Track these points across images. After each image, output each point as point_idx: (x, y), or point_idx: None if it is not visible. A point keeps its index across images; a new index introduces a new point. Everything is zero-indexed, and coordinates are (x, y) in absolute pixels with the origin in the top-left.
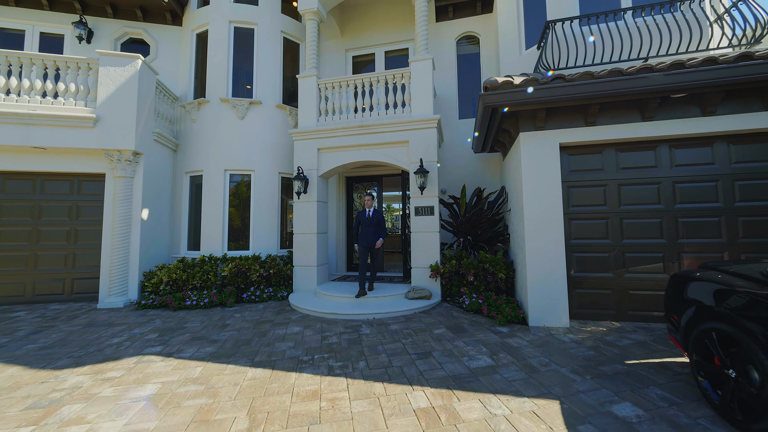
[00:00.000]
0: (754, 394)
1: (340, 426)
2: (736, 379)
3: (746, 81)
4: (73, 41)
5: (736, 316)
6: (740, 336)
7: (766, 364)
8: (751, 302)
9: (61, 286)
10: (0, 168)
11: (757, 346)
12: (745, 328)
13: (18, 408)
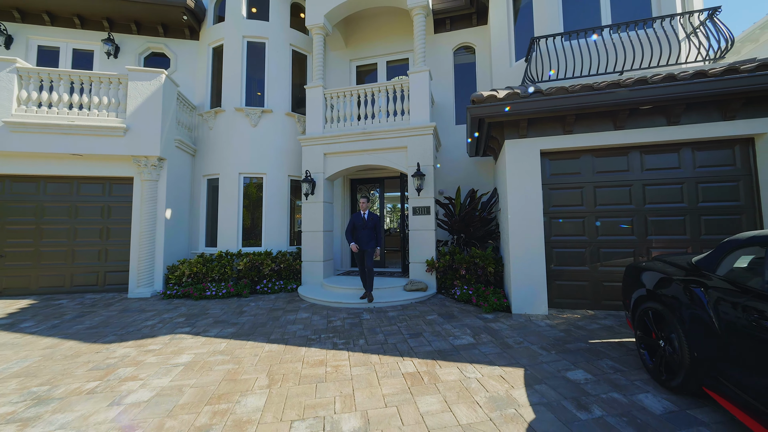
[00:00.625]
0: (673, 356)
1: (342, 384)
2: (664, 347)
3: (703, 95)
4: (101, 56)
5: (664, 297)
6: (666, 312)
7: (681, 333)
8: (673, 285)
9: (95, 278)
10: (43, 173)
11: (676, 319)
12: (669, 305)
13: (83, 369)
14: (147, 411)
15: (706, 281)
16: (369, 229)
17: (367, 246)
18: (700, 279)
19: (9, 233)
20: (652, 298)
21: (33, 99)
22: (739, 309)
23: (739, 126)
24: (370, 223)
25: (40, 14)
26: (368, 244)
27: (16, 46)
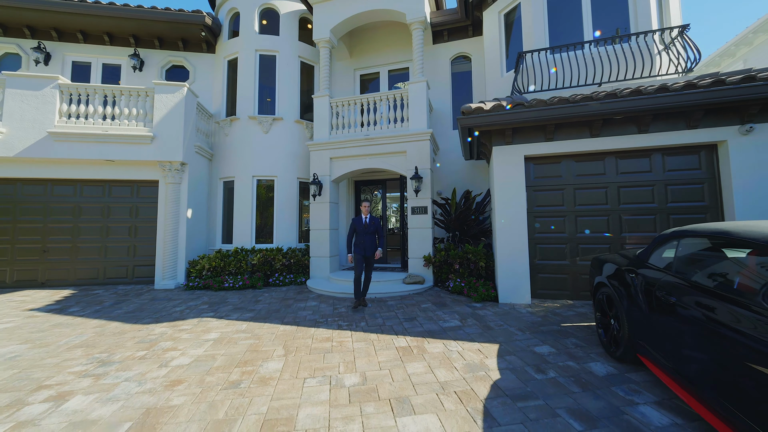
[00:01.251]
0: (618, 332)
1: (345, 354)
2: (613, 324)
3: (666, 107)
4: (128, 70)
5: (613, 283)
6: (614, 296)
7: (622, 312)
8: (619, 273)
9: (125, 271)
10: (80, 177)
11: (621, 301)
12: (616, 290)
13: (131, 342)
14: (189, 371)
15: (638, 269)
16: (371, 234)
17: (369, 252)
18: (635, 268)
19: (51, 231)
20: (606, 285)
21: (72, 111)
22: (655, 290)
23: (702, 134)
24: (372, 228)
25: (75, 33)
26: (370, 249)
27: (54, 62)
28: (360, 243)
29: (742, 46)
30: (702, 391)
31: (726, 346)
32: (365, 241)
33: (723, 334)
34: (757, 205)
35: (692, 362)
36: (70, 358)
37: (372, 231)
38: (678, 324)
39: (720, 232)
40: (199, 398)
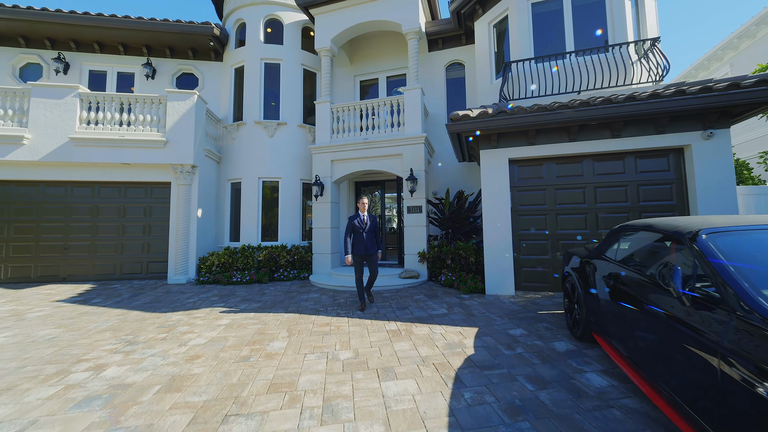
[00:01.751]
0: (579, 314)
1: (341, 336)
2: (576, 309)
3: (634, 114)
4: (141, 78)
5: (577, 272)
6: (576, 283)
7: (581, 296)
8: (580, 263)
9: (140, 267)
10: (98, 179)
11: (580, 288)
12: (578, 278)
13: (152, 327)
14: (205, 349)
15: (592, 260)
16: (370, 233)
17: (371, 251)
18: (591, 259)
19: (71, 230)
20: (571, 274)
21: (91, 118)
22: (603, 277)
23: (669, 139)
24: (371, 226)
25: (92, 44)
26: (371, 248)
27: (72, 71)
28: (359, 242)
29: (728, 51)
30: (632, 359)
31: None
32: (365, 240)
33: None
34: (716, 203)
35: (626, 337)
36: (100, 339)
37: (371, 229)
38: (614, 303)
39: (646, 225)
40: (215, 369)
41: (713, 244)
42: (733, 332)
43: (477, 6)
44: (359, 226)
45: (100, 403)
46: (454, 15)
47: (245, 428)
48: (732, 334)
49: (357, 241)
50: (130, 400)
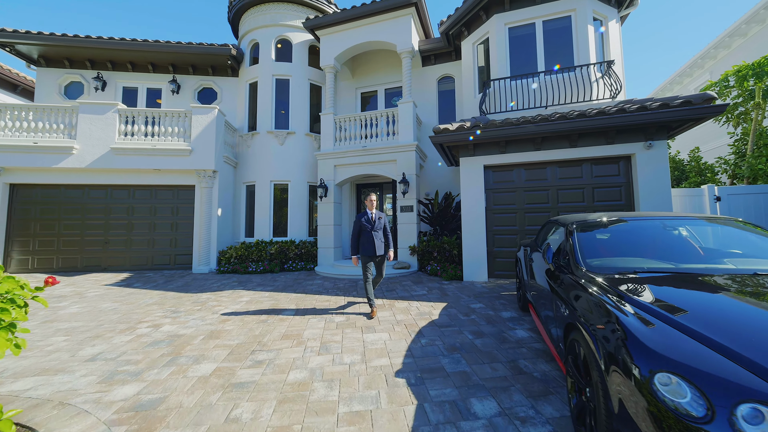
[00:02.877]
0: (521, 290)
1: (343, 310)
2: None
3: (587, 128)
4: (167, 93)
5: (519, 258)
6: (520, 267)
7: (524, 274)
8: (523, 251)
9: (168, 258)
10: (133, 183)
11: (524, 266)
12: (522, 259)
13: (188, 302)
14: (231, 316)
15: (526, 247)
16: (379, 232)
17: (380, 252)
18: (528, 246)
19: (111, 227)
20: (519, 260)
21: (128, 130)
22: (528, 259)
23: (617, 148)
24: (380, 224)
25: (125, 64)
26: (381, 249)
27: (108, 88)
28: (368, 242)
29: (708, 59)
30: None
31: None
32: (374, 240)
33: (540, 280)
34: (655, 202)
35: (536, 301)
36: (150, 310)
37: (381, 228)
38: (532, 279)
39: (555, 220)
40: (241, 327)
41: (576, 232)
42: (569, 283)
43: (463, 28)
44: (367, 224)
45: (164, 344)
46: (443, 35)
47: (267, 356)
48: (568, 284)
49: (365, 240)
50: (185, 343)
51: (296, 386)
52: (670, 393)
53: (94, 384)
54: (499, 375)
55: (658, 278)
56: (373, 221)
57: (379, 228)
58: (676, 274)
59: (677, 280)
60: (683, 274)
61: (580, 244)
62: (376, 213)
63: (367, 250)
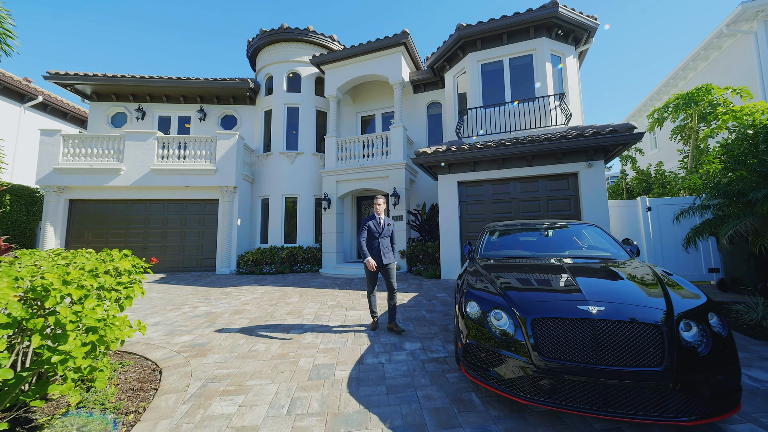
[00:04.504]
0: None
1: (333, 297)
2: None
3: (537, 151)
4: (196, 120)
5: None
6: None
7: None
8: None
9: (196, 262)
10: (167, 197)
11: None
12: None
13: (216, 293)
14: (250, 303)
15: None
16: (387, 239)
17: (387, 260)
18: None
19: (149, 235)
20: None
21: (165, 154)
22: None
23: (566, 167)
24: (388, 231)
25: (161, 96)
26: (388, 257)
27: (147, 117)
28: (375, 249)
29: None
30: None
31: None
32: (380, 247)
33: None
34: (595, 213)
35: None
36: (188, 298)
37: (388, 235)
38: None
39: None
40: (257, 307)
41: (488, 232)
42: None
43: (445, 63)
44: (375, 229)
45: (203, 317)
46: (429, 68)
47: (275, 322)
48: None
49: (371, 246)
50: (217, 316)
51: (295, 340)
52: (494, 318)
53: (162, 336)
54: (432, 332)
55: (516, 261)
56: (381, 227)
57: (386, 234)
58: (528, 258)
59: (526, 261)
60: (532, 258)
61: (485, 241)
62: (385, 219)
63: (376, 256)
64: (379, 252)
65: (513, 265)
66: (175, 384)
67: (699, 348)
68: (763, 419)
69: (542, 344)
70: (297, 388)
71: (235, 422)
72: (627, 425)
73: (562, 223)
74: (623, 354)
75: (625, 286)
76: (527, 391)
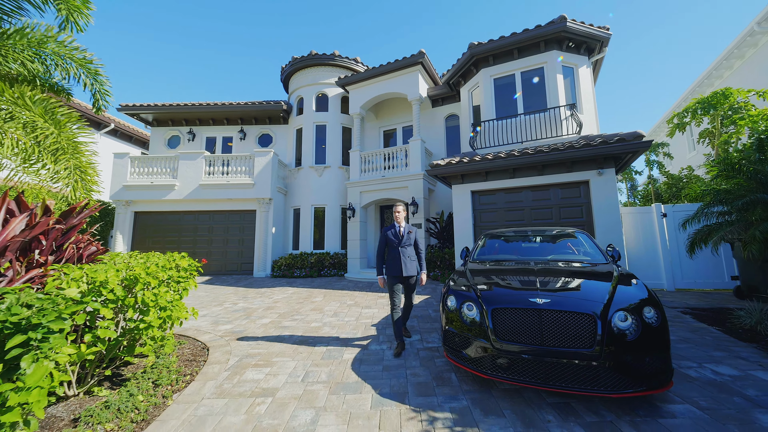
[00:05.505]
0: None
1: (352, 297)
2: None
3: (546, 161)
4: (237, 140)
5: None
6: None
7: None
8: None
9: (236, 266)
10: (212, 209)
11: None
12: None
13: (253, 293)
14: (281, 299)
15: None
16: (409, 247)
17: (410, 271)
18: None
19: (197, 242)
20: None
21: (211, 171)
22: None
23: (577, 175)
24: (409, 240)
25: (208, 120)
26: (409, 268)
27: (197, 138)
28: (394, 259)
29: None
30: None
31: None
32: (401, 257)
33: None
34: (607, 219)
35: None
36: (229, 296)
37: (410, 243)
38: None
39: (486, 233)
40: (286, 305)
41: (483, 238)
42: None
43: (460, 78)
44: (393, 239)
45: (241, 311)
46: (446, 84)
47: (300, 317)
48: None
49: (391, 258)
50: (252, 311)
51: (314, 327)
52: (466, 309)
53: (208, 325)
54: (432, 328)
55: (499, 264)
56: (400, 235)
57: (407, 243)
58: (511, 261)
59: (508, 264)
60: (515, 261)
61: (480, 246)
62: (405, 227)
63: (392, 269)
64: (400, 262)
65: (494, 268)
66: (219, 358)
67: (628, 335)
68: (702, 402)
69: (500, 329)
70: (311, 364)
71: (262, 385)
72: (574, 399)
73: (552, 230)
74: (563, 338)
75: (580, 283)
76: (488, 367)
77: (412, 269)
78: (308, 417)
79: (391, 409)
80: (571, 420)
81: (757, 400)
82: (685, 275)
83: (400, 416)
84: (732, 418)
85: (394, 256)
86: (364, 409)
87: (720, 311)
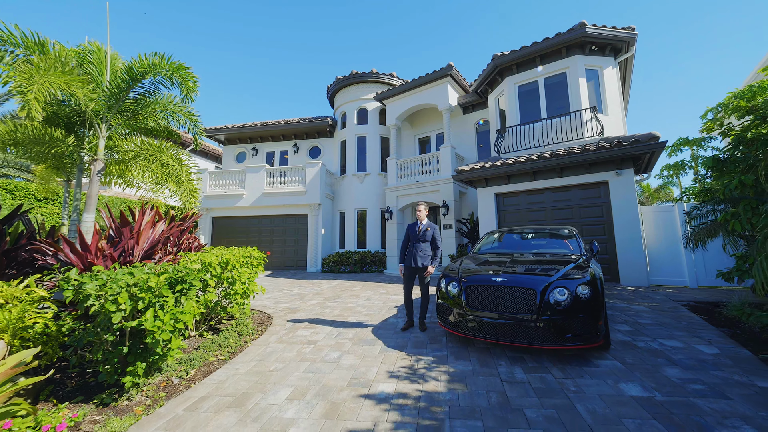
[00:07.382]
0: None
1: (385, 287)
2: None
3: (563, 163)
4: (291, 153)
5: None
6: None
7: None
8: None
9: (293, 263)
10: (273, 213)
11: None
12: None
13: (305, 283)
14: (327, 288)
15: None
16: (423, 242)
17: (421, 263)
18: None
19: (261, 242)
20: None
21: (271, 181)
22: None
23: (595, 176)
24: (426, 236)
25: (268, 137)
26: (420, 259)
27: (259, 153)
28: (408, 252)
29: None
30: None
31: None
32: (414, 250)
33: None
34: (625, 219)
35: None
36: (286, 285)
37: (425, 239)
38: None
39: (490, 230)
40: (330, 291)
41: (486, 235)
42: (458, 260)
43: (487, 87)
44: (412, 234)
45: (295, 295)
46: (474, 92)
47: (340, 300)
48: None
49: (408, 249)
50: (304, 295)
51: (349, 307)
52: (451, 287)
53: (271, 304)
54: None
55: (489, 255)
56: (418, 231)
57: (423, 239)
58: (499, 254)
59: (495, 255)
60: (501, 253)
61: (482, 241)
62: (425, 224)
63: (406, 259)
64: (414, 255)
65: (481, 258)
66: (279, 322)
67: (562, 304)
68: (628, 360)
69: (471, 301)
70: (343, 329)
71: (308, 338)
72: (528, 353)
73: (546, 228)
74: (513, 306)
75: (540, 268)
76: (463, 329)
77: (424, 261)
78: (336, 355)
79: (393, 353)
80: (518, 365)
81: (677, 361)
82: (709, 273)
83: (398, 357)
84: (643, 369)
85: (410, 249)
86: (374, 353)
87: (716, 304)
